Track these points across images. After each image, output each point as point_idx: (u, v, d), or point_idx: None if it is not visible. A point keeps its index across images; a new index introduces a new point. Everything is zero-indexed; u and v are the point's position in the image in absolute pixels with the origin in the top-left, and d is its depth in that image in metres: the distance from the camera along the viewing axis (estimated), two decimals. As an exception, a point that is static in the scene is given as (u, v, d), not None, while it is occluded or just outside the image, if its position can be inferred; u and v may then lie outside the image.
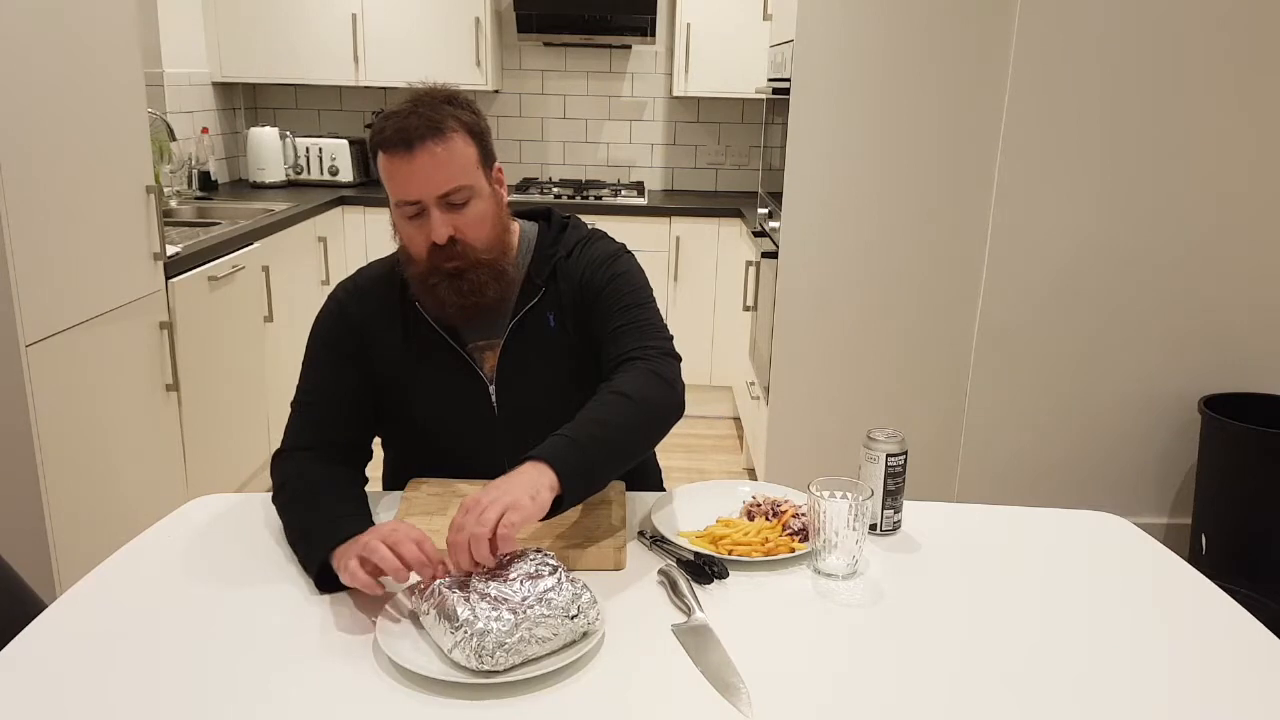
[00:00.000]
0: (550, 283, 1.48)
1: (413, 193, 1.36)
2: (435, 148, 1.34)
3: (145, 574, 1.22)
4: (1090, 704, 1.00)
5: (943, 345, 2.92)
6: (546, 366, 1.47)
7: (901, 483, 1.35)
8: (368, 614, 1.12)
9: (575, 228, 1.55)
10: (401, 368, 1.47)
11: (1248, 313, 2.85)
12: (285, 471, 1.38)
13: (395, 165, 1.35)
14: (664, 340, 1.43)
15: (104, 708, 0.96)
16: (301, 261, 3.65)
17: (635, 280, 1.49)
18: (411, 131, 1.33)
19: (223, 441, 2.97)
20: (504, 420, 1.48)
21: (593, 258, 1.49)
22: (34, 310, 2.05)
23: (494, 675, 1.00)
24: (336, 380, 1.46)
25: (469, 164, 1.38)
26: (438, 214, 1.36)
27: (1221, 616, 1.19)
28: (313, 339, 1.49)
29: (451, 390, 1.47)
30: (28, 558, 2.09)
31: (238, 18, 4.03)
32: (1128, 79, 2.69)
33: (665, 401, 1.34)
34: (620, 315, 1.44)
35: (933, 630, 1.13)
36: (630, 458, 1.29)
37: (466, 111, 1.40)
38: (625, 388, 1.31)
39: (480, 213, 1.40)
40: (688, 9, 4.04)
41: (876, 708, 0.99)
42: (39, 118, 2.07)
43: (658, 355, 1.39)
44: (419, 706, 0.97)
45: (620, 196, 4.19)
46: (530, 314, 1.47)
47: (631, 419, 1.29)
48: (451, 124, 1.36)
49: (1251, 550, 2.69)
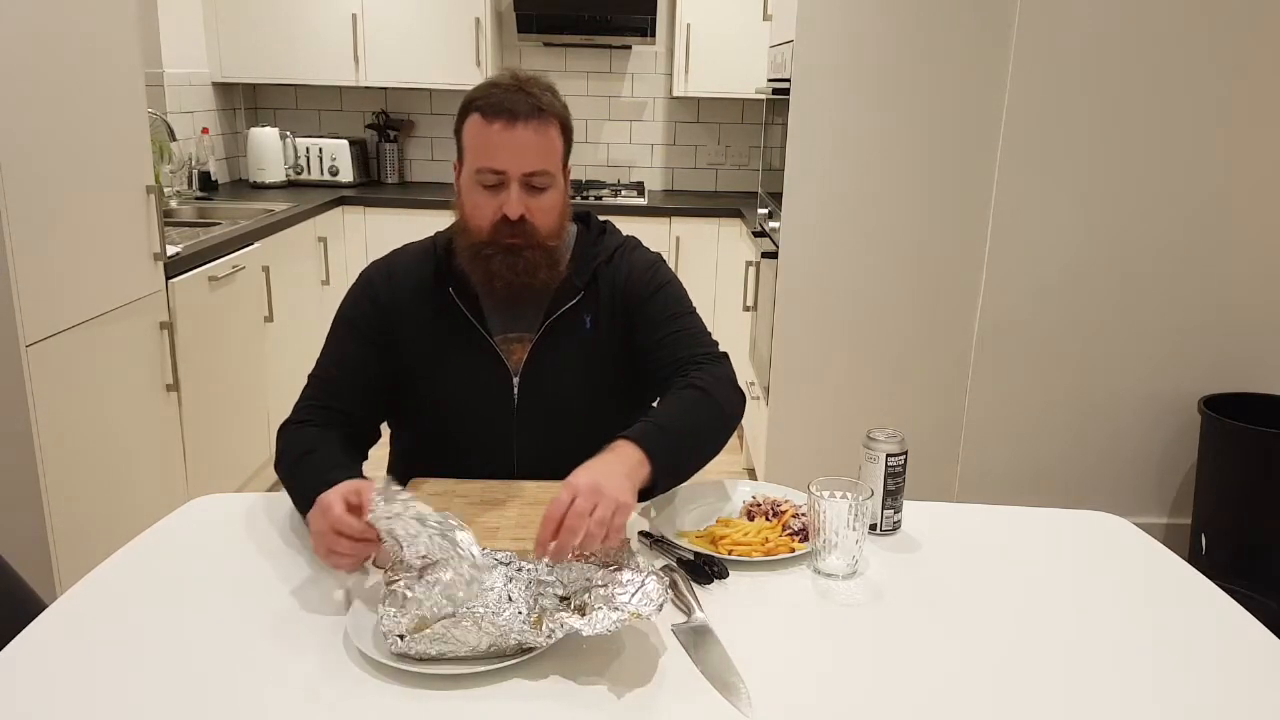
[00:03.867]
0: (590, 286, 1.50)
1: (502, 163, 1.38)
2: (536, 127, 1.38)
3: (145, 574, 1.22)
4: (1090, 703, 1.00)
5: (943, 345, 2.92)
6: (576, 367, 1.49)
7: (901, 483, 1.35)
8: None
9: (613, 233, 1.59)
10: (427, 351, 1.48)
11: (1247, 313, 2.85)
12: (288, 438, 1.41)
13: (491, 133, 1.38)
14: (715, 346, 1.50)
15: (104, 707, 0.96)
16: (301, 262, 3.65)
17: (678, 289, 1.54)
18: (517, 106, 1.37)
19: (223, 441, 2.97)
20: (523, 414, 1.49)
21: (634, 266, 1.53)
22: (34, 310, 2.05)
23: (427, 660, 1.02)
24: (354, 360, 1.48)
25: (557, 153, 1.43)
26: (517, 190, 1.39)
27: (1221, 616, 1.19)
28: (338, 316, 1.52)
29: (475, 378, 1.48)
30: (28, 558, 2.08)
31: (238, 18, 4.03)
32: (1127, 79, 2.69)
33: (735, 400, 1.43)
34: (669, 324, 1.49)
35: (933, 630, 1.13)
36: (708, 454, 1.37)
37: (563, 107, 1.45)
38: (703, 384, 1.39)
39: (553, 202, 1.44)
40: (688, 9, 4.04)
41: (877, 707, 0.99)
42: (39, 118, 2.07)
43: (713, 360, 1.45)
44: (419, 704, 0.97)
45: (620, 196, 4.19)
46: (568, 313, 1.48)
47: (711, 416, 1.37)
48: (553, 112, 1.41)
49: (1251, 550, 2.69)
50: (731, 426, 1.41)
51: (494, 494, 1.39)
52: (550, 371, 1.48)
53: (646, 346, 1.48)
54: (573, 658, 1.05)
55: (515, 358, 1.49)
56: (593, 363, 1.50)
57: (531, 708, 0.97)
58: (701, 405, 1.37)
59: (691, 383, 1.39)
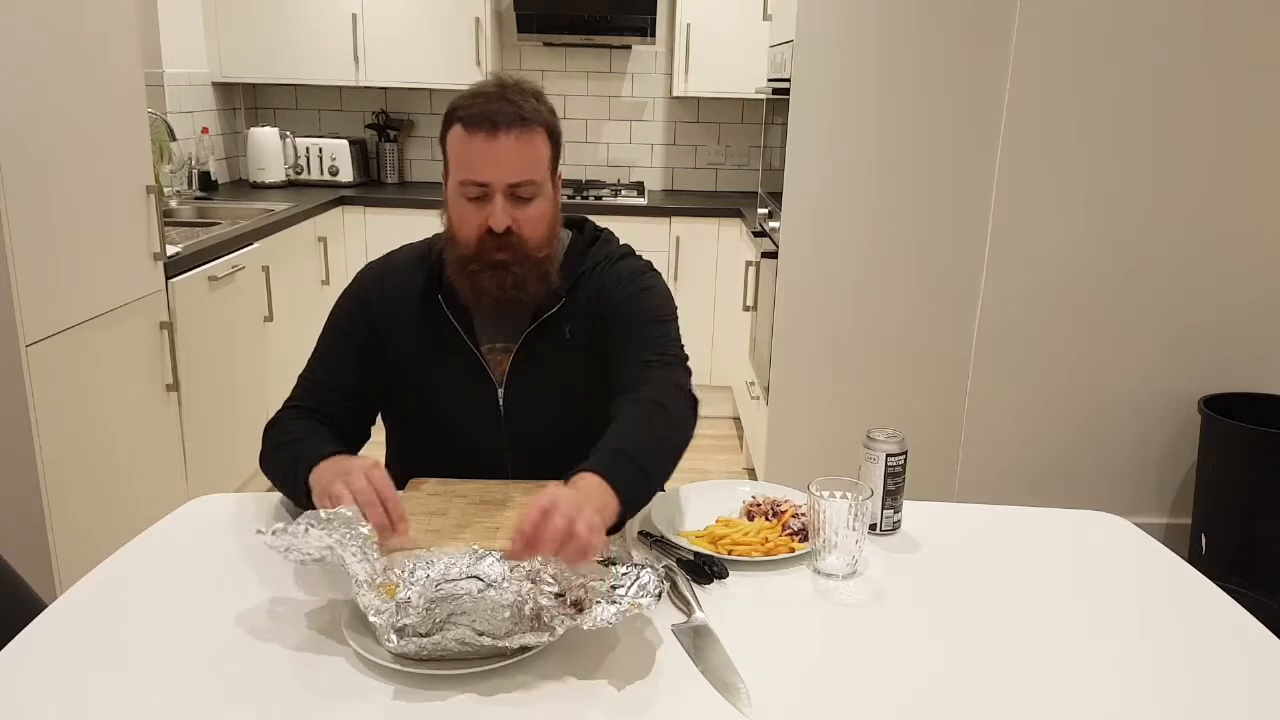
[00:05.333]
0: (570, 294, 1.47)
1: (484, 175, 1.35)
2: (518, 137, 1.35)
3: (145, 574, 1.22)
4: (1091, 703, 1.00)
5: (943, 345, 2.92)
6: (557, 376, 1.47)
7: (901, 483, 1.35)
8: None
9: (606, 241, 1.55)
10: (415, 357, 1.48)
11: (1247, 313, 2.85)
12: (278, 431, 1.41)
13: (473, 144, 1.35)
14: (676, 352, 1.44)
15: (103, 707, 0.96)
16: (301, 261, 3.65)
17: (657, 297, 1.49)
18: (499, 115, 1.34)
19: (223, 441, 2.97)
20: (510, 423, 1.48)
21: (616, 273, 1.49)
22: (34, 310, 2.05)
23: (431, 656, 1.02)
24: (340, 362, 1.48)
25: (543, 162, 1.39)
26: (502, 202, 1.36)
27: (1221, 616, 1.19)
28: (330, 316, 1.51)
29: (460, 388, 1.48)
30: (28, 558, 2.08)
31: (238, 18, 4.03)
32: (1127, 79, 2.69)
33: (685, 410, 1.37)
34: (636, 327, 1.44)
35: (933, 630, 1.13)
36: (668, 472, 1.32)
37: (550, 112, 1.41)
38: (658, 397, 1.34)
39: (541, 212, 1.40)
40: (688, 9, 4.04)
41: (877, 707, 0.99)
42: (39, 118, 2.07)
43: (666, 365, 1.40)
44: (418, 702, 0.97)
45: (620, 197, 4.19)
46: (548, 322, 1.47)
47: (668, 429, 1.32)
48: (537, 119, 1.37)
49: (1251, 550, 2.69)
50: (686, 441, 1.36)
51: (493, 494, 1.39)
52: (532, 381, 1.47)
53: (612, 350, 1.45)
54: (572, 657, 1.05)
55: (500, 368, 1.47)
56: (572, 372, 1.47)
57: (532, 708, 0.97)
58: (660, 421, 1.31)
59: (646, 395, 1.34)
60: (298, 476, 1.29)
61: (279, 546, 1.07)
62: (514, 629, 1.01)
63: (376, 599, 1.03)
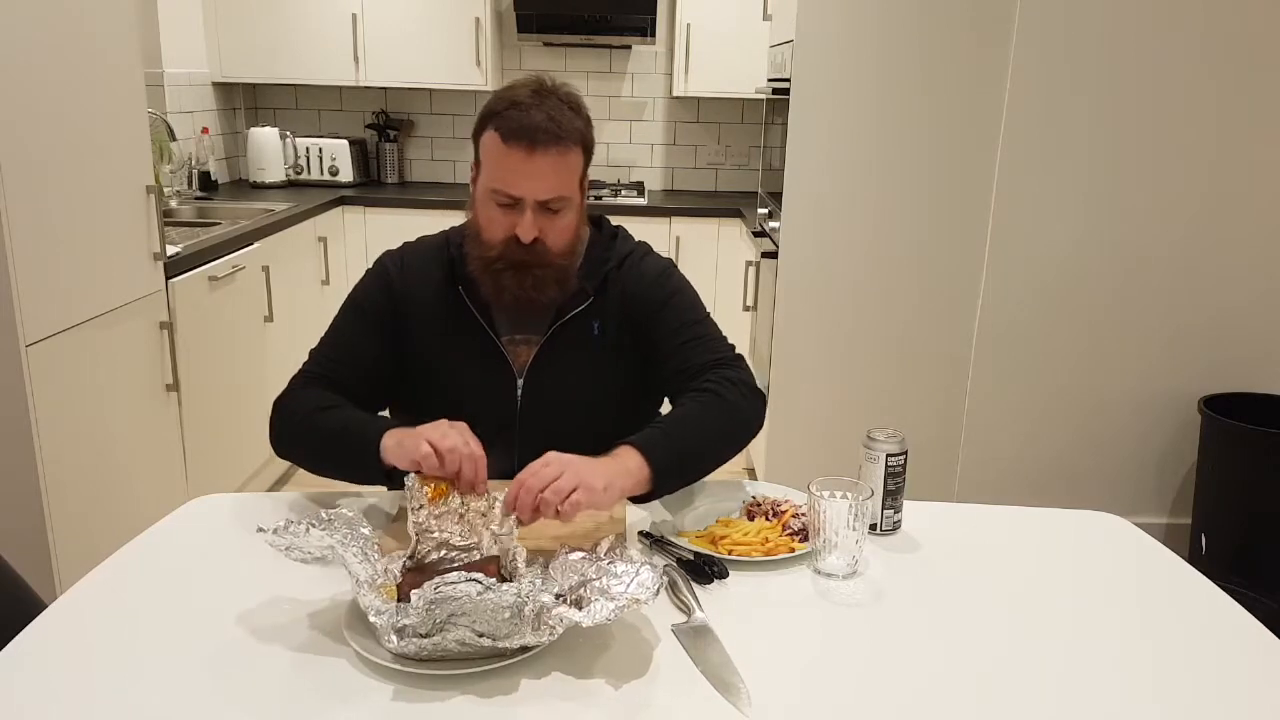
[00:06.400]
0: (600, 292, 1.49)
1: (518, 190, 1.37)
2: (555, 155, 1.36)
3: (145, 574, 1.22)
4: (1091, 702, 1.00)
5: (943, 345, 2.92)
6: (581, 371, 1.48)
7: (901, 483, 1.35)
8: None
9: (624, 238, 1.57)
10: (433, 347, 1.48)
11: (1247, 313, 2.85)
12: (295, 400, 1.43)
13: (509, 158, 1.36)
14: (730, 350, 1.49)
15: (103, 707, 0.96)
16: (302, 261, 3.65)
17: (689, 296, 1.54)
18: (537, 132, 1.34)
19: (223, 441, 2.97)
20: (525, 417, 1.49)
21: (644, 273, 1.52)
22: (34, 310, 2.05)
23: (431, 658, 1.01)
24: (356, 340, 1.48)
25: (575, 176, 1.41)
26: (532, 215, 1.37)
27: (1221, 616, 1.19)
28: (349, 299, 1.52)
29: (479, 378, 1.48)
30: (28, 558, 2.08)
31: (238, 18, 4.03)
32: (1127, 79, 2.69)
33: (750, 402, 1.42)
34: (683, 332, 1.48)
35: (933, 630, 1.13)
36: (720, 457, 1.37)
37: (586, 123, 1.42)
38: (716, 388, 1.39)
39: (568, 223, 1.42)
40: (688, 9, 4.04)
41: (876, 707, 0.99)
42: (39, 118, 2.07)
43: (728, 365, 1.45)
44: (418, 703, 0.97)
45: (620, 196, 4.19)
46: (576, 318, 1.48)
47: (723, 419, 1.37)
48: (573, 137, 1.38)
49: (1251, 550, 2.69)
50: (748, 428, 1.42)
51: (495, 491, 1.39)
52: (554, 375, 1.48)
53: (661, 356, 1.48)
54: (572, 657, 1.05)
55: (521, 359, 1.49)
56: (599, 368, 1.49)
57: (532, 708, 0.97)
58: (712, 409, 1.37)
59: (703, 387, 1.39)
60: (365, 435, 1.30)
61: (280, 545, 1.08)
62: (514, 630, 1.01)
63: (377, 599, 1.03)
